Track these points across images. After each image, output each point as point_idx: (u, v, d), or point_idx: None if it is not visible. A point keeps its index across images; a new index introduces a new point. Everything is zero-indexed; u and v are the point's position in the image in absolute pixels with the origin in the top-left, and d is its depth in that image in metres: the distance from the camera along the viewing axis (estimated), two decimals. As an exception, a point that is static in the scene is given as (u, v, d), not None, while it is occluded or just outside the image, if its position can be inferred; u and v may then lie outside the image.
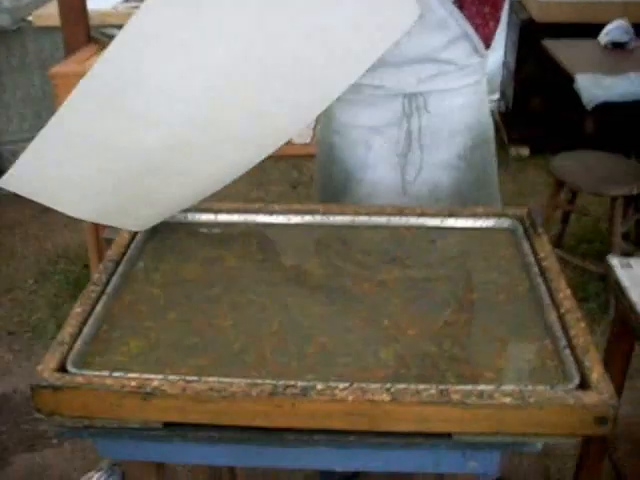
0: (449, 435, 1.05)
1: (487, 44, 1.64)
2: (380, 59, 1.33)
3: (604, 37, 3.44)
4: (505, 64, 4.59)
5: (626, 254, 2.85)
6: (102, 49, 2.75)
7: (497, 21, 1.63)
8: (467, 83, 1.68)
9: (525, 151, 4.46)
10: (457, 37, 1.60)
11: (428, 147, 1.69)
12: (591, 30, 3.57)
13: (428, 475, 1.71)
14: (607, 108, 3.46)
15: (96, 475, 1.95)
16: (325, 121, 1.81)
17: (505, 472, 2.20)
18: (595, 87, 2.87)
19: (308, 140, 3.71)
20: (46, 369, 1.08)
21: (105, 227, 1.77)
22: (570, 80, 3.06)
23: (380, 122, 1.69)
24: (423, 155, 1.70)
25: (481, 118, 1.75)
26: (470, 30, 1.59)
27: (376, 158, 1.72)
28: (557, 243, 3.23)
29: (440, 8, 1.54)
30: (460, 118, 1.70)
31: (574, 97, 3.14)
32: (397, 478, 2.18)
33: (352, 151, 1.75)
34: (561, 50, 3.36)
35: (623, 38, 3.39)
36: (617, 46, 3.41)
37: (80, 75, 2.57)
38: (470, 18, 1.57)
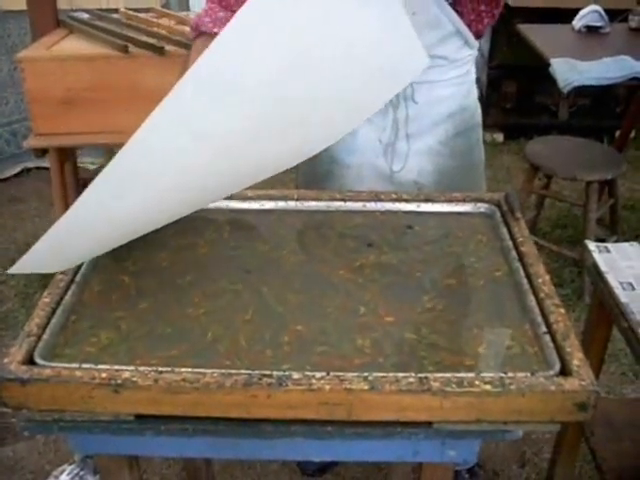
0: (428, 424, 1.03)
1: (478, 37, 1.63)
2: None
3: (578, 22, 3.44)
4: (479, 49, 4.58)
5: (600, 239, 2.86)
6: (70, 33, 2.70)
7: (493, 18, 1.61)
8: (457, 74, 1.68)
9: (499, 137, 4.48)
10: (449, 34, 1.58)
11: (414, 136, 1.68)
12: (565, 15, 3.58)
13: (405, 463, 1.71)
14: (580, 94, 3.46)
15: (68, 468, 1.93)
16: None
17: (481, 458, 2.20)
18: (570, 71, 2.87)
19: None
20: (13, 361, 1.04)
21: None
22: (544, 65, 3.05)
23: None
24: (409, 145, 1.68)
25: (466, 106, 1.74)
26: (462, 27, 1.57)
27: (361, 145, 1.70)
28: (531, 228, 3.24)
29: (433, 6, 1.52)
30: (445, 107, 1.69)
31: (548, 82, 3.14)
32: (375, 466, 2.19)
33: None
34: (536, 35, 3.35)
35: (598, 22, 3.39)
36: (591, 30, 3.41)
37: (48, 59, 2.51)
38: (464, 15, 1.55)
